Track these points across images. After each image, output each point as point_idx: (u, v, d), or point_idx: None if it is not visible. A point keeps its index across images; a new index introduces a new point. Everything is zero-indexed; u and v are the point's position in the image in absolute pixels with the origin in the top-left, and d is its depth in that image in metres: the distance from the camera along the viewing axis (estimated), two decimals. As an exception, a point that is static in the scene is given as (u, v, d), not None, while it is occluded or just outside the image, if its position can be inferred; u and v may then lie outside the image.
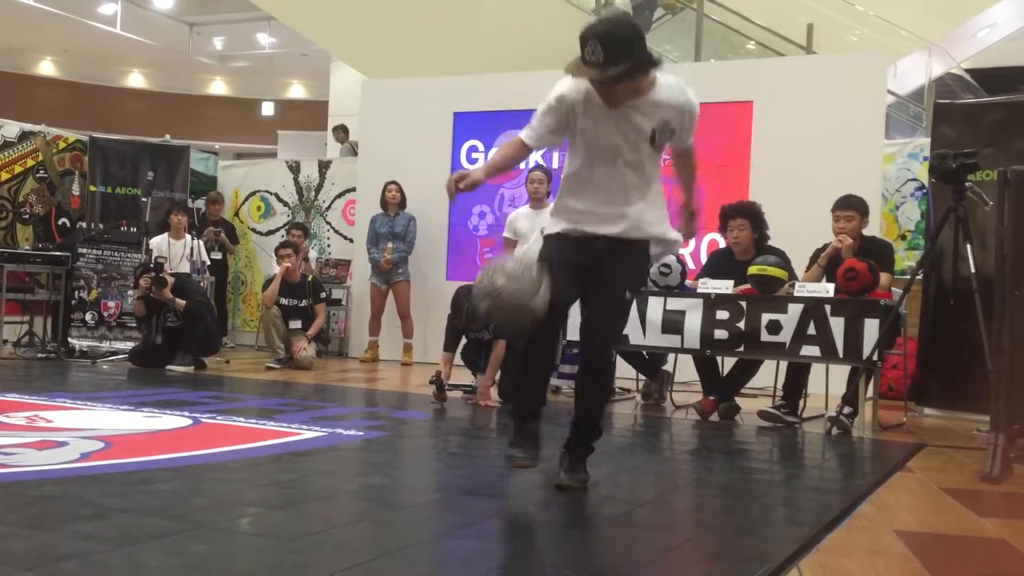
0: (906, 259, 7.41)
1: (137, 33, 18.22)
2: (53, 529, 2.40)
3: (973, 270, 4.69)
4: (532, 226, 6.67)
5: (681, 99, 3.24)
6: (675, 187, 3.69)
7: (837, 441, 4.79)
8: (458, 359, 5.99)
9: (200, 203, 10.08)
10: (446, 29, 10.21)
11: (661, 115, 3.19)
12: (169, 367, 7.11)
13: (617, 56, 2.95)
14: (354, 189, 9.52)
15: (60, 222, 9.56)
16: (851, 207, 5.42)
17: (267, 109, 21.76)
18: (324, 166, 10.22)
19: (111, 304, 8.08)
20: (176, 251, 8.31)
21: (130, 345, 7.71)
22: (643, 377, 6.25)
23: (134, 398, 5.23)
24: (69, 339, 7.92)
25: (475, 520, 2.75)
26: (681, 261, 5.80)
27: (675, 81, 3.24)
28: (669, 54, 9.80)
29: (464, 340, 5.97)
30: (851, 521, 2.93)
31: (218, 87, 22.12)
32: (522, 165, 8.38)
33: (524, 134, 3.27)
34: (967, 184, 4.89)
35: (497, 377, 5.79)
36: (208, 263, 8.88)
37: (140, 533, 2.36)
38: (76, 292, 8.03)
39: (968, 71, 10.76)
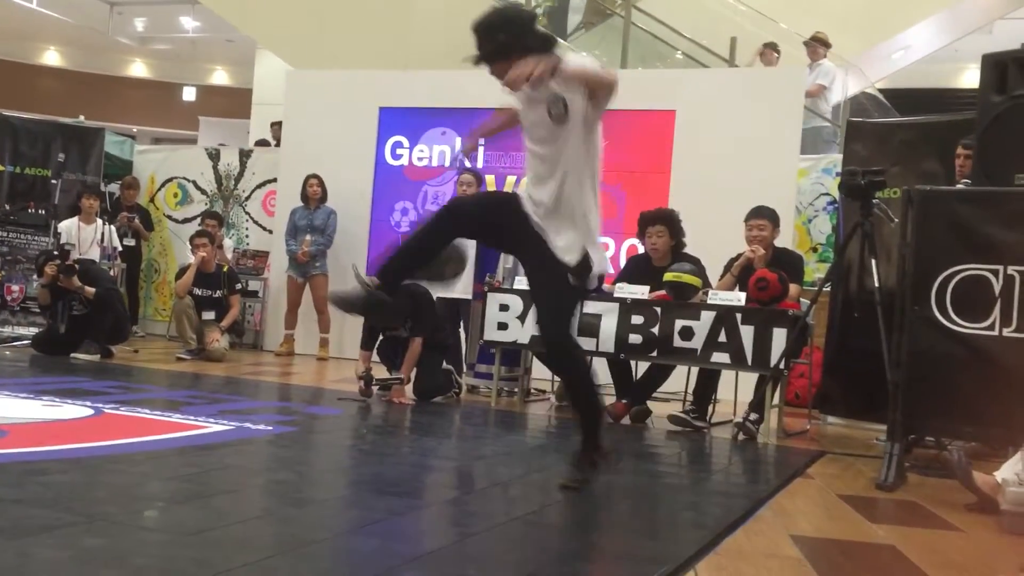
0: (816, 271, 7.62)
1: (55, 10, 17.63)
2: (-62, 520, 2.31)
3: (877, 284, 4.85)
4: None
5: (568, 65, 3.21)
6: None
7: (743, 447, 4.91)
8: (374, 356, 5.96)
9: (114, 187, 9.79)
10: (374, 23, 10.13)
11: (551, 91, 3.24)
12: (74, 355, 6.90)
13: (486, 40, 3.28)
14: (275, 180, 9.38)
15: (-36, 202, 9.19)
16: (763, 216, 5.57)
17: (188, 94, 21.24)
18: (245, 155, 10.04)
19: (15, 288, 7.82)
20: (86, 236, 8.07)
21: (34, 331, 7.45)
22: (558, 379, 6.28)
23: (35, 386, 5.06)
24: (-31, 323, 7.64)
25: (380, 518, 2.74)
26: (599, 265, 5.86)
27: (574, 56, 3.34)
28: (597, 59, 9.90)
29: (381, 338, 5.94)
30: (750, 525, 3.01)
31: (138, 69, 21.53)
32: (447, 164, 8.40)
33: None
34: (874, 201, 5.05)
35: (412, 375, 5.79)
36: (120, 249, 8.66)
37: (31, 525, 2.29)
38: (-22, 274, 7.75)
39: (882, 91, 11.11)
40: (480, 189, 6.68)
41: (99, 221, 8.26)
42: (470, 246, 3.60)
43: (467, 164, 7.57)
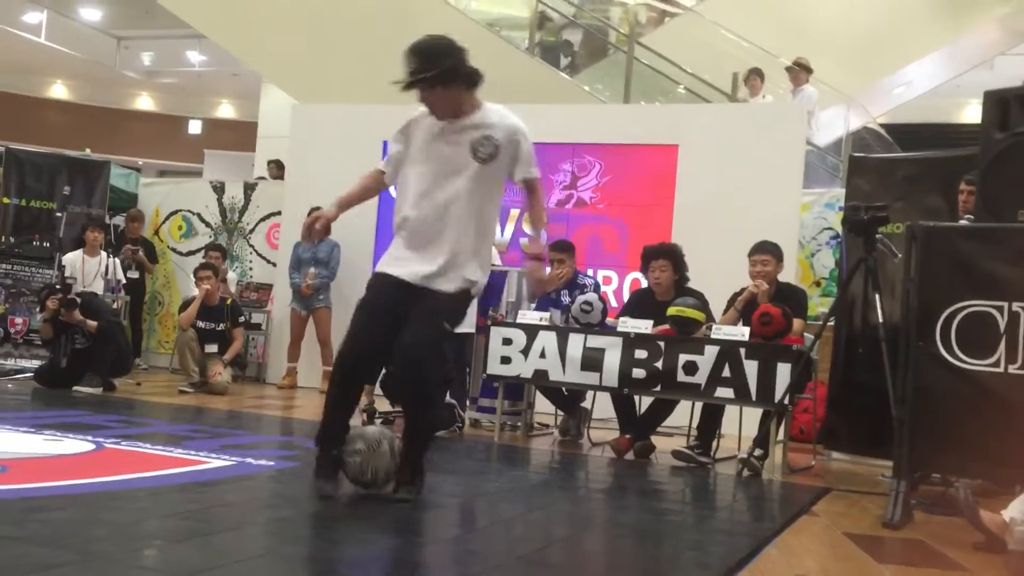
0: (819, 305, 7.60)
1: (62, 44, 17.79)
2: (-65, 559, 2.29)
3: (881, 319, 4.82)
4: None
5: (506, 120, 3.57)
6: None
7: (747, 483, 4.87)
8: (377, 389, 5.94)
9: (119, 220, 9.83)
10: (379, 57, 10.18)
11: (483, 132, 3.51)
12: (76, 388, 6.88)
13: (429, 62, 3.42)
14: (279, 212, 9.41)
15: (-31, 234, 9.21)
16: (767, 252, 5.57)
17: (194, 127, 21.39)
18: (250, 188, 10.08)
19: (19, 320, 7.82)
20: (90, 268, 8.09)
21: (37, 363, 7.44)
22: (561, 413, 6.27)
23: (36, 420, 5.04)
24: (-29, 355, 7.62)
25: (381, 556, 2.71)
26: (603, 299, 5.86)
27: (501, 108, 3.61)
28: (600, 94, 9.96)
29: (384, 371, 5.92)
30: (756, 564, 2.98)
31: (144, 103, 21.69)
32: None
33: (381, 164, 3.69)
34: (877, 236, 5.05)
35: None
36: (124, 282, 8.66)
37: (28, 564, 2.27)
38: (-18, 307, 7.75)
39: (883, 126, 11.17)
40: None
41: (103, 254, 8.28)
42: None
43: None
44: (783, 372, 5.03)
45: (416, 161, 3.63)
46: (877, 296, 4.90)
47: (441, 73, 3.44)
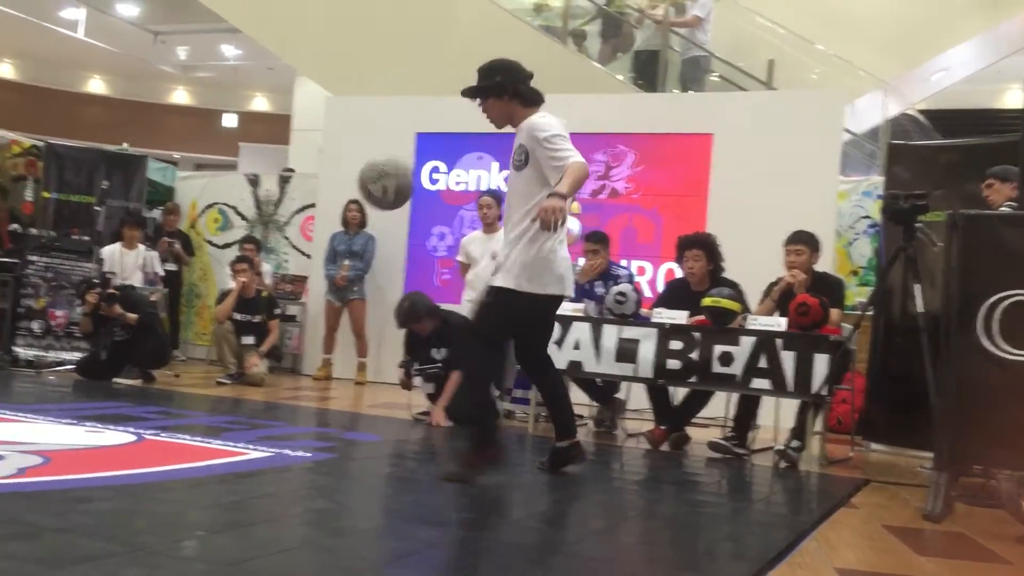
0: (857, 295, 7.52)
1: (100, 39, 18.01)
2: (-17, 549, 2.33)
3: (921, 309, 4.76)
4: (483, 250, 6.72)
5: (526, 122, 3.96)
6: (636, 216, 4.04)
7: (784, 475, 4.83)
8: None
9: (156, 213, 9.95)
10: (411, 50, 10.22)
11: (519, 141, 3.98)
12: (116, 380, 6.99)
13: (482, 77, 4.04)
14: (313, 205, 9.47)
15: (11, 228, 9.36)
16: (802, 242, 5.51)
17: (229, 120, 21.57)
18: (284, 180, 10.16)
19: (59, 313, 7.92)
20: (128, 261, 8.20)
21: (77, 356, 7.55)
22: (596, 404, 6.26)
23: (78, 411, 5.13)
24: (14, 348, 7.74)
25: (419, 549, 2.72)
26: (637, 290, 5.83)
27: (536, 117, 3.97)
28: (633, 82, 9.90)
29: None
30: (794, 558, 2.95)
31: (180, 96, 21.91)
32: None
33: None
34: (917, 225, 4.98)
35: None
36: (162, 274, 8.76)
37: (73, 555, 2.31)
38: (24, 300, 7.86)
39: (922, 112, 11.00)
40: (501, 211, 6.67)
41: (141, 247, 8.38)
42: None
43: (490, 187, 7.64)
44: (820, 363, 4.98)
45: None
46: (917, 286, 4.84)
47: (489, 87, 4.02)
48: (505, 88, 3.99)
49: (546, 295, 4.00)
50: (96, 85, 21.59)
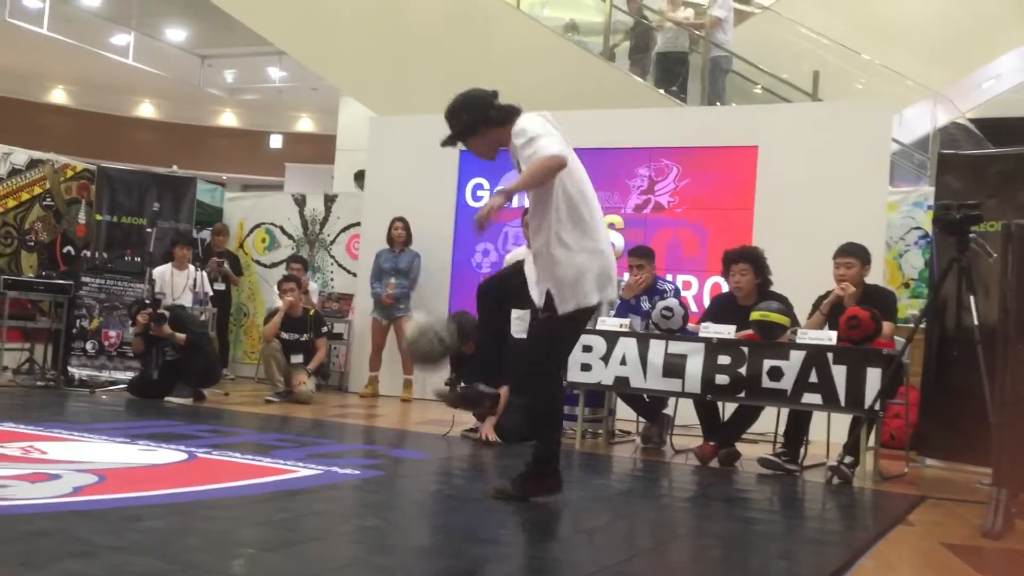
0: (909, 308, 7.39)
1: (149, 64, 18.37)
2: (42, 568, 2.37)
3: (976, 322, 4.67)
4: (528, 267, 6.69)
5: (511, 140, 3.82)
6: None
7: (837, 491, 4.75)
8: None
9: (205, 234, 10.11)
10: (455, 68, 10.28)
11: (513, 158, 3.88)
12: (168, 398, 7.09)
13: (451, 121, 3.97)
14: (359, 223, 9.55)
15: (65, 250, 9.58)
16: (851, 254, 5.43)
17: (275, 142, 21.87)
18: (330, 200, 10.26)
19: (112, 334, 8.07)
20: (179, 282, 8.34)
21: (130, 375, 7.69)
22: (643, 420, 6.21)
23: (131, 430, 5.20)
24: (69, 368, 7.90)
25: (469, 567, 2.72)
26: (683, 305, 5.79)
27: (516, 126, 3.82)
28: (676, 95, 9.86)
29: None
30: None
31: (227, 119, 22.27)
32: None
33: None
34: (971, 235, 4.88)
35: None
36: (211, 294, 8.89)
37: (127, 572, 2.34)
38: (78, 321, 8.03)
39: (973, 121, 10.79)
40: None
41: (191, 267, 8.52)
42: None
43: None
44: (873, 377, 4.90)
45: None
46: (972, 297, 4.75)
47: (461, 129, 3.93)
48: (476, 123, 3.89)
49: (585, 307, 3.87)
50: (146, 109, 22.03)
